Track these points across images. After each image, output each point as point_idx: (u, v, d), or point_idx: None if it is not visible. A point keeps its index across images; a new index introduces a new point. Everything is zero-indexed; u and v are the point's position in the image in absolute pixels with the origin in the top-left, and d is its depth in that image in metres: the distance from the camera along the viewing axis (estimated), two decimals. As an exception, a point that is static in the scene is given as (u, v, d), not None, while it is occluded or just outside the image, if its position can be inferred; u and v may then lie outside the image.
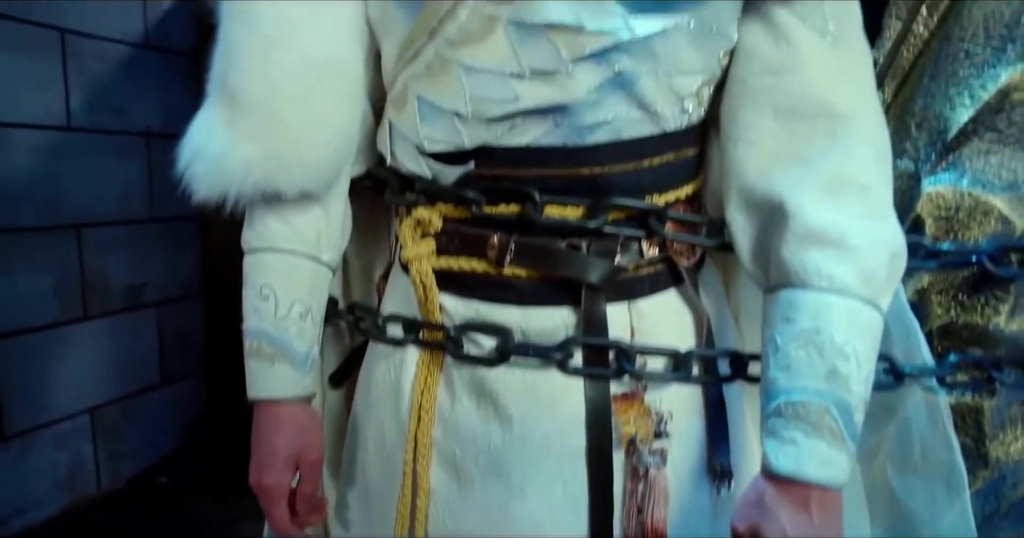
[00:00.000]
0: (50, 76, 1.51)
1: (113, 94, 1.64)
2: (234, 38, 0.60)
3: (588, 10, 0.54)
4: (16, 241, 1.45)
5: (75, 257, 1.58)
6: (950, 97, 0.76)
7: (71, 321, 1.57)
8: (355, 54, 0.63)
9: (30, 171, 1.47)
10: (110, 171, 1.64)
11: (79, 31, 1.55)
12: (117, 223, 1.66)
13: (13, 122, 1.44)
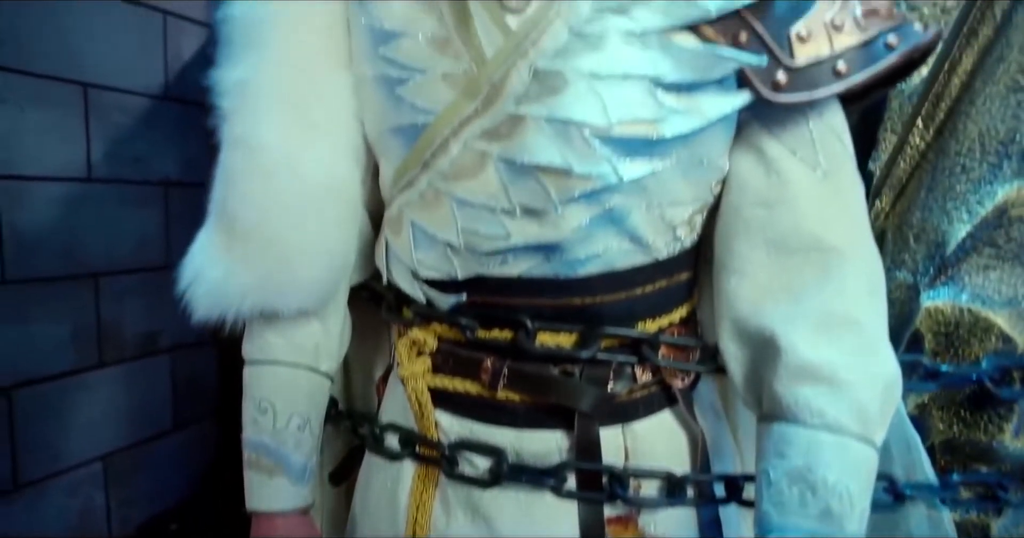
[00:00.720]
0: (72, 129, 1.54)
1: (133, 145, 1.68)
2: (233, 166, 0.62)
3: (576, 154, 0.54)
4: (34, 291, 1.48)
5: (92, 305, 1.60)
6: (947, 211, 0.76)
7: (86, 369, 1.59)
8: (352, 174, 0.65)
9: (50, 222, 1.50)
10: (128, 220, 1.67)
11: (102, 85, 1.59)
12: (133, 271, 1.68)
13: (35, 175, 1.47)
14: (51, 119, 1.49)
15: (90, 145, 1.57)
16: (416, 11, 0.60)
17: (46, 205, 1.49)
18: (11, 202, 1.42)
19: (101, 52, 1.58)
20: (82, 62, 1.54)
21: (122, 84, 1.64)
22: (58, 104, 1.50)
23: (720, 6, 0.55)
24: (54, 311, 1.51)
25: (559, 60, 0.55)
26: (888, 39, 0.57)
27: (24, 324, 1.45)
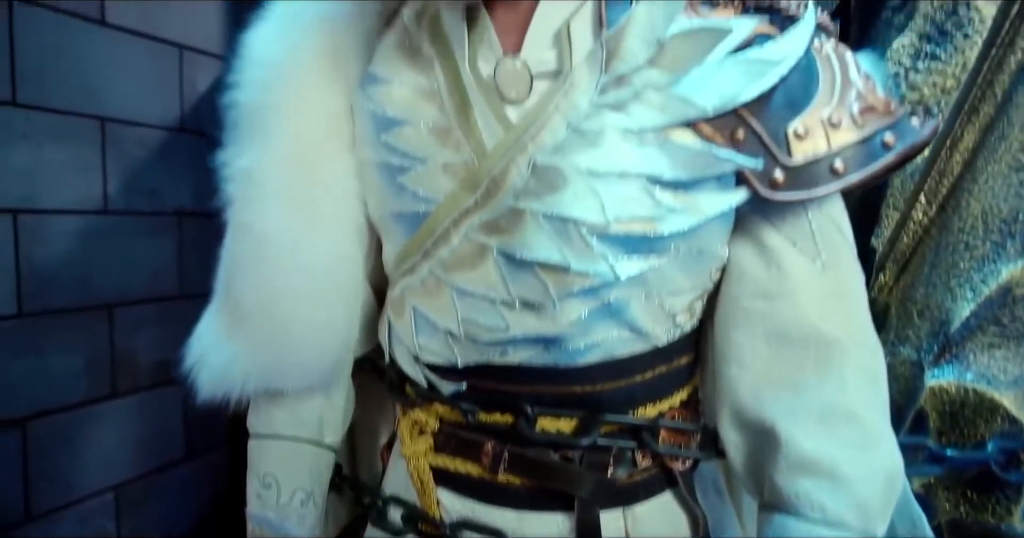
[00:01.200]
0: (90, 163, 1.57)
1: (148, 176, 1.70)
2: (238, 252, 0.63)
3: (574, 251, 0.55)
4: (50, 323, 1.50)
5: (106, 336, 1.62)
6: (951, 288, 0.76)
7: (100, 399, 1.61)
8: (355, 257, 0.65)
9: (66, 255, 1.52)
10: (142, 251, 1.69)
11: (119, 119, 1.62)
12: (147, 301, 1.70)
13: (52, 208, 1.49)
14: (70, 153, 1.51)
15: (107, 178, 1.60)
16: (418, 99, 0.61)
17: (63, 238, 1.51)
18: (29, 236, 1.45)
19: (119, 87, 1.61)
20: (100, 97, 1.57)
21: (138, 117, 1.67)
22: (76, 139, 1.53)
23: (717, 105, 0.55)
24: (69, 342, 1.53)
25: (558, 156, 0.55)
26: (885, 137, 0.57)
27: (39, 356, 1.47)
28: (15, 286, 1.43)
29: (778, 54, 0.56)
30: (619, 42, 0.55)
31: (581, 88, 0.55)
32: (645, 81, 0.55)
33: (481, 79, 0.58)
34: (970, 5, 0.77)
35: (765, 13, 0.58)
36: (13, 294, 1.43)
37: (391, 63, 0.63)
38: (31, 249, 1.45)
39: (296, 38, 0.62)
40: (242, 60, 0.63)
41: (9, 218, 1.42)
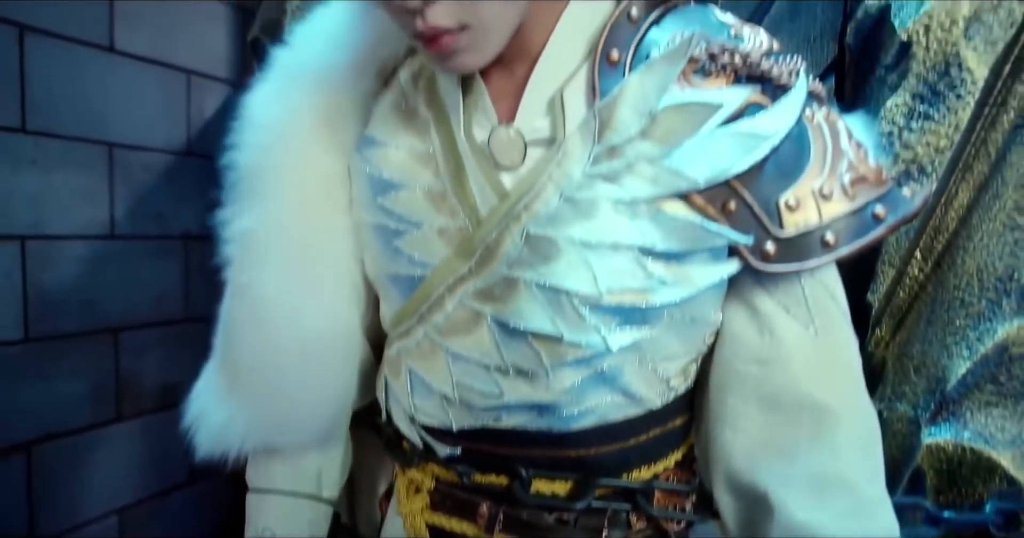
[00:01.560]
0: (97, 188, 1.58)
1: (154, 201, 1.72)
2: (235, 313, 0.63)
3: (567, 323, 0.55)
4: (56, 348, 1.51)
5: (111, 360, 1.62)
6: (947, 345, 0.76)
7: (104, 423, 1.61)
8: (352, 318, 0.66)
9: (73, 280, 1.53)
10: (148, 274, 1.70)
11: (126, 144, 1.63)
12: (153, 325, 1.71)
13: (60, 234, 1.51)
14: (77, 179, 1.53)
15: (114, 203, 1.61)
16: (414, 163, 0.61)
17: (70, 263, 1.52)
18: (37, 262, 1.46)
19: (126, 112, 1.63)
20: (108, 123, 1.59)
21: (146, 142, 1.68)
22: (84, 165, 1.54)
23: (708, 178, 0.55)
24: (74, 366, 1.54)
25: (551, 227, 0.55)
26: (876, 209, 0.57)
27: (45, 380, 1.48)
28: (22, 311, 1.44)
29: (770, 126, 0.56)
30: (612, 113, 0.55)
31: (574, 158, 0.55)
32: (637, 152, 0.55)
33: (476, 145, 0.59)
34: (962, 66, 0.77)
35: (757, 82, 0.58)
36: (20, 319, 1.44)
37: (388, 125, 0.63)
38: (38, 274, 1.46)
39: (294, 101, 0.63)
40: (242, 122, 0.64)
41: (17, 244, 1.43)
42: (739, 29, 0.60)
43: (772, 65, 0.58)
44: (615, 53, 0.57)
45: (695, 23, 0.59)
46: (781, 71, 0.58)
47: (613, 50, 0.57)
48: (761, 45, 0.59)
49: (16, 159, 1.41)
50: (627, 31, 0.58)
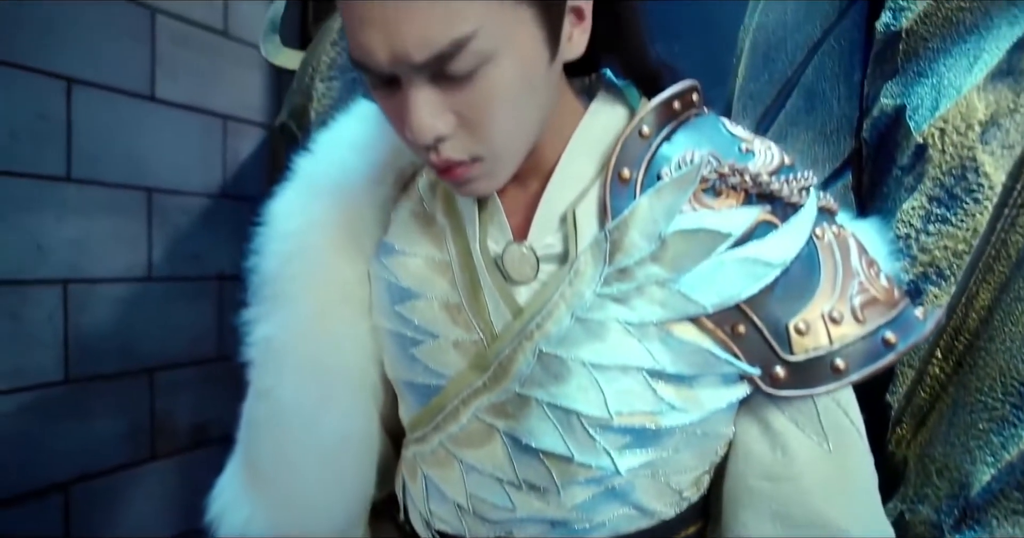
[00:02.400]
0: (136, 232, 1.63)
1: (191, 243, 1.76)
2: (256, 415, 0.65)
3: (578, 444, 0.56)
4: (94, 388, 1.54)
5: (147, 399, 1.66)
6: (971, 449, 0.73)
7: (140, 462, 1.64)
8: (371, 417, 0.67)
9: (111, 322, 1.58)
10: (183, 315, 1.74)
11: (164, 189, 1.68)
12: (187, 364, 1.75)
13: (100, 277, 1.55)
14: (118, 224, 1.58)
15: (152, 246, 1.66)
16: (431, 272, 0.62)
17: (109, 305, 1.56)
18: (77, 305, 1.50)
19: (165, 157, 1.68)
20: (148, 168, 1.64)
21: (183, 186, 1.73)
22: (125, 209, 1.59)
23: (716, 303, 0.55)
24: (111, 406, 1.58)
25: (562, 347, 0.56)
26: (887, 335, 0.56)
27: (83, 420, 1.52)
28: (63, 353, 1.48)
29: (778, 254, 0.56)
30: (622, 235, 0.56)
31: (585, 278, 0.56)
32: (647, 275, 0.56)
33: (490, 259, 0.60)
34: (979, 171, 0.76)
35: (767, 201, 0.58)
36: (61, 361, 1.48)
37: (406, 233, 0.65)
38: (79, 317, 1.51)
39: (315, 212, 0.65)
40: (265, 231, 0.66)
41: (59, 288, 1.48)
42: (750, 143, 0.61)
43: (782, 184, 0.58)
44: (626, 171, 0.58)
45: (705, 139, 0.60)
46: (791, 190, 0.58)
47: (624, 168, 0.58)
48: (772, 161, 0.59)
49: (61, 206, 1.46)
50: (638, 148, 0.59)
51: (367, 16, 0.48)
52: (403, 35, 0.48)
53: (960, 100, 0.78)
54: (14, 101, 1.37)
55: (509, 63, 0.51)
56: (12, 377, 1.40)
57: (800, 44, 0.83)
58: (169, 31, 1.70)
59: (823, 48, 0.82)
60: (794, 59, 0.83)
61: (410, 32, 0.48)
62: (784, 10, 0.83)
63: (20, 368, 1.41)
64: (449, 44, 0.48)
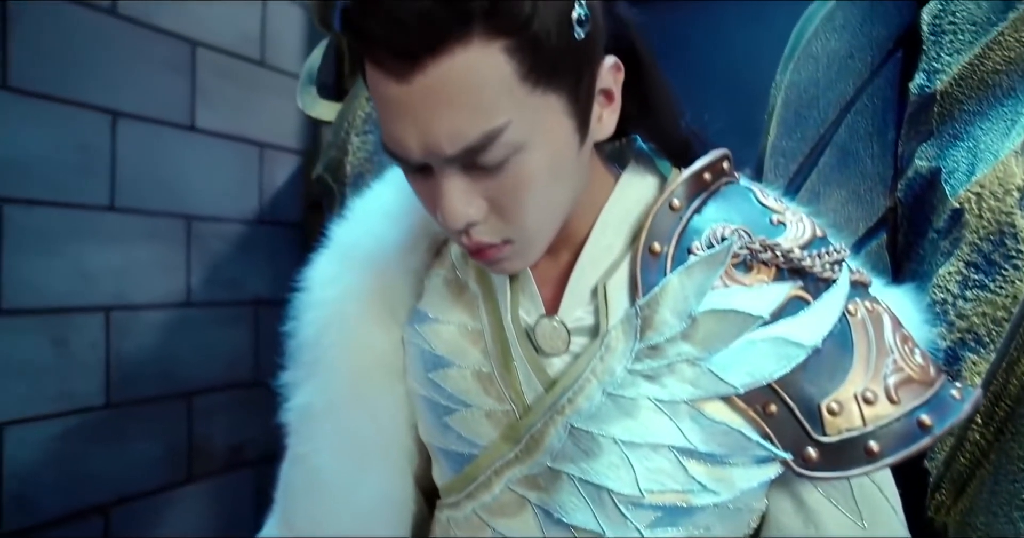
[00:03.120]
0: (175, 259, 1.67)
1: (228, 268, 1.80)
2: (292, 480, 0.67)
3: (608, 520, 0.56)
4: (134, 412, 1.58)
5: (184, 423, 1.69)
6: (1014, 520, 0.71)
7: (177, 484, 1.67)
8: (406, 481, 0.68)
9: (151, 347, 1.61)
10: (220, 340, 1.78)
11: (203, 216, 1.72)
12: (223, 388, 1.78)
13: (141, 304, 1.59)
14: (158, 251, 1.62)
15: (190, 272, 1.70)
16: (463, 341, 0.63)
17: (149, 331, 1.60)
18: (119, 331, 1.54)
19: (204, 186, 1.72)
20: (187, 197, 1.68)
21: (221, 213, 1.77)
22: (165, 237, 1.63)
23: (747, 383, 0.55)
24: (150, 430, 1.61)
25: (593, 423, 0.56)
26: (922, 417, 0.55)
27: (123, 444, 1.55)
28: (105, 379, 1.52)
29: (809, 335, 0.55)
30: (653, 312, 0.56)
31: (616, 354, 0.56)
32: (678, 353, 0.55)
33: (522, 330, 0.60)
34: (1017, 237, 0.74)
35: (799, 276, 0.58)
36: (103, 386, 1.52)
37: (439, 300, 0.66)
38: (121, 343, 1.54)
39: (350, 281, 0.67)
40: (302, 298, 0.68)
41: (102, 315, 1.52)
42: (781, 215, 0.60)
43: (813, 259, 0.57)
44: (657, 245, 0.58)
45: (736, 211, 0.60)
46: (823, 265, 0.58)
47: (655, 242, 0.59)
48: (803, 234, 0.59)
49: (104, 235, 1.51)
50: (669, 221, 0.59)
51: (399, 109, 0.49)
52: (435, 129, 0.49)
53: (997, 165, 0.76)
54: (61, 134, 1.42)
55: (540, 151, 0.51)
56: (57, 401, 1.44)
57: (833, 102, 0.82)
58: (209, 63, 1.74)
59: (856, 106, 0.82)
60: (826, 117, 0.82)
61: (442, 126, 0.48)
62: (816, 67, 0.83)
63: (65, 393, 1.45)
64: (480, 137, 0.49)
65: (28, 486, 1.39)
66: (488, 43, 0.47)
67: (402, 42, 0.47)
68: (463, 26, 0.46)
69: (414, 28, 0.46)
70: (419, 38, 0.46)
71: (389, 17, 0.46)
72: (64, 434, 1.45)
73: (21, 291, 1.37)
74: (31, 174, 1.37)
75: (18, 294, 1.36)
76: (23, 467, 1.38)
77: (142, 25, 1.57)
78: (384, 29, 0.47)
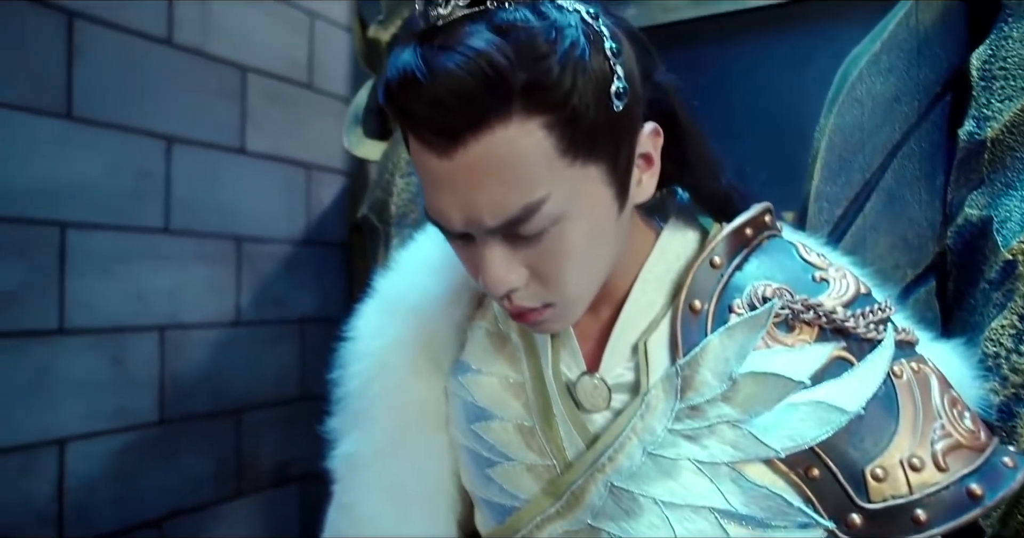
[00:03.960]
0: (226, 280, 1.72)
1: (275, 288, 1.84)
2: (338, 526, 0.71)
3: None
4: (186, 429, 1.62)
5: (233, 439, 1.73)
6: None
7: (226, 499, 1.71)
8: (450, 528, 0.69)
9: (202, 365, 1.66)
10: (267, 358, 1.82)
11: (252, 237, 1.77)
12: (270, 405, 1.82)
13: (193, 323, 1.64)
14: (209, 272, 1.67)
15: (240, 292, 1.74)
16: (505, 393, 0.64)
17: (200, 350, 1.65)
18: (173, 350, 1.59)
19: (253, 207, 1.77)
20: (237, 218, 1.73)
21: (269, 234, 1.82)
22: (216, 259, 1.68)
23: (788, 447, 0.54)
24: (201, 446, 1.65)
25: (633, 482, 0.56)
26: (972, 486, 0.53)
27: (176, 459, 1.59)
28: (159, 396, 1.57)
29: (851, 401, 0.54)
30: (693, 372, 0.56)
31: (656, 413, 0.56)
32: (719, 414, 0.55)
33: (563, 385, 0.61)
34: None
35: (842, 336, 0.57)
36: (157, 403, 1.57)
37: (481, 352, 0.67)
38: (173, 361, 1.59)
39: (394, 333, 0.68)
40: (348, 350, 0.70)
41: (156, 334, 1.57)
42: (824, 272, 0.60)
43: (857, 320, 0.57)
44: (697, 303, 0.59)
45: (778, 268, 0.60)
46: (868, 325, 0.57)
47: (695, 300, 0.59)
48: (846, 291, 0.58)
49: (159, 257, 1.56)
50: (710, 279, 0.59)
51: (441, 182, 0.50)
52: (476, 202, 0.50)
53: (1052, 215, 0.74)
54: (120, 160, 1.47)
55: (579, 220, 0.52)
56: (114, 418, 1.49)
57: (879, 146, 0.81)
58: (259, 87, 1.80)
59: (903, 151, 0.81)
60: (872, 162, 0.81)
61: (482, 199, 0.50)
62: (861, 111, 0.82)
63: (121, 409, 1.50)
64: (520, 210, 0.50)
65: (88, 499, 1.44)
66: (527, 120, 0.48)
67: (443, 121, 0.48)
68: (503, 104, 0.47)
69: (455, 108, 0.47)
70: (460, 117, 0.47)
71: (431, 97, 0.47)
72: (121, 449, 1.50)
73: (81, 311, 1.42)
74: (91, 199, 1.42)
75: (79, 314, 1.42)
76: (83, 481, 1.43)
77: (196, 53, 1.63)
78: (426, 109, 0.48)
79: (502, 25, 0.48)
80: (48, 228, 1.36)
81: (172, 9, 1.57)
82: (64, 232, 1.38)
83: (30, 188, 1.32)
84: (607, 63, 0.51)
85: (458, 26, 0.49)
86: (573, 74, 0.49)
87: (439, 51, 0.47)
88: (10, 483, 1.30)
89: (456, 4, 0.49)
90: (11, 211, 1.29)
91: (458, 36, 0.48)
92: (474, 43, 0.47)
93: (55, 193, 1.36)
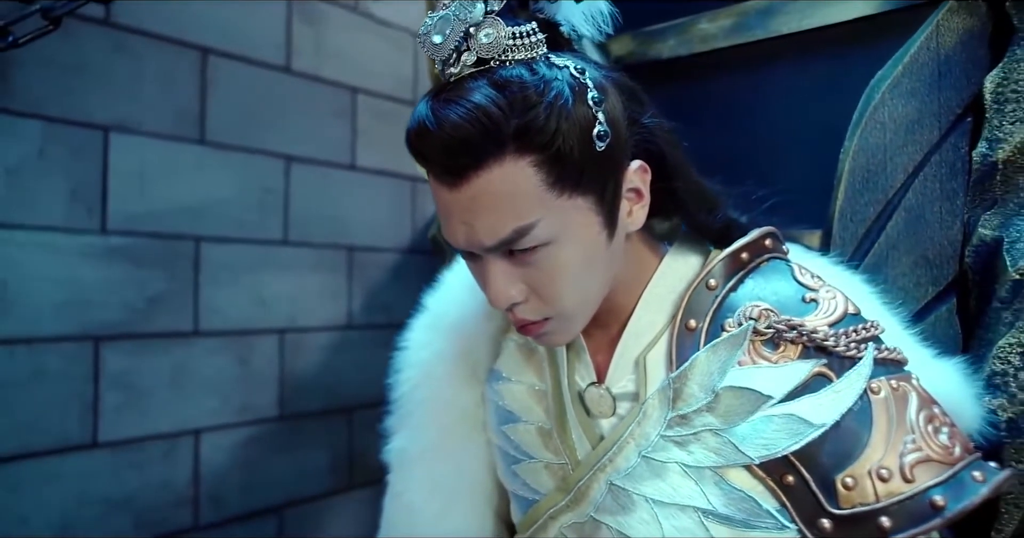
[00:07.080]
0: (339, 286, 1.85)
1: (383, 294, 1.96)
2: (390, 512, 0.82)
3: None
4: (303, 424, 1.76)
5: (346, 435, 1.86)
6: None
7: (340, 490, 1.84)
8: (487, 516, 0.79)
9: (318, 366, 1.80)
10: (376, 360, 1.92)
11: (363, 247, 1.90)
12: (380, 404, 1.93)
13: (310, 327, 1.78)
14: (324, 280, 1.80)
15: (351, 298, 1.87)
16: (530, 399, 0.72)
17: (316, 351, 1.79)
18: (291, 351, 1.73)
19: (363, 219, 1.90)
20: (349, 230, 1.86)
21: (378, 243, 1.94)
22: (330, 267, 1.82)
23: (763, 455, 0.59)
24: (317, 441, 1.79)
25: (629, 481, 0.63)
26: (935, 498, 0.56)
27: (294, 452, 1.73)
28: (279, 393, 1.71)
29: (821, 414, 0.58)
30: (683, 384, 0.62)
31: (651, 420, 0.62)
32: (704, 423, 0.61)
33: (576, 393, 0.69)
34: None
35: (824, 354, 0.61)
36: (277, 400, 1.71)
37: (512, 362, 0.75)
38: (292, 362, 1.73)
39: (438, 345, 0.79)
40: (400, 359, 0.83)
41: (277, 336, 1.71)
42: (816, 293, 0.64)
43: (838, 338, 0.60)
44: (692, 322, 0.64)
45: (771, 289, 0.64)
46: (848, 344, 0.60)
47: (691, 320, 0.64)
48: (833, 311, 0.62)
49: (279, 267, 1.70)
50: (705, 300, 0.65)
51: (450, 210, 0.60)
52: (476, 226, 0.58)
53: (1063, 236, 0.74)
54: (246, 179, 1.63)
55: (569, 244, 0.59)
56: (241, 412, 1.64)
57: (900, 166, 0.83)
58: (368, 106, 1.93)
59: (925, 171, 0.81)
60: (894, 181, 0.82)
61: (482, 224, 0.58)
62: (884, 133, 0.83)
63: (247, 405, 1.65)
64: (511, 232, 0.58)
65: (219, 485, 1.59)
66: (519, 158, 0.56)
67: (450, 162, 0.57)
68: (498, 148, 0.56)
69: (459, 151, 0.56)
70: (463, 159, 0.56)
71: (440, 142, 0.56)
72: (246, 442, 1.65)
73: (213, 316, 1.58)
74: (222, 214, 1.58)
75: (210, 318, 1.58)
76: (215, 469, 1.58)
77: (311, 78, 1.77)
78: (436, 152, 0.57)
79: (499, 81, 0.57)
80: (185, 242, 1.52)
81: (290, 39, 1.72)
82: (199, 245, 1.55)
83: (171, 206, 1.49)
84: (590, 110, 0.58)
85: (464, 82, 0.58)
86: (558, 119, 0.56)
87: (446, 104, 0.57)
88: (155, 468, 1.47)
89: (464, 64, 0.58)
90: (156, 227, 1.46)
91: (462, 91, 0.57)
92: (474, 97, 0.56)
93: (192, 210, 1.53)
